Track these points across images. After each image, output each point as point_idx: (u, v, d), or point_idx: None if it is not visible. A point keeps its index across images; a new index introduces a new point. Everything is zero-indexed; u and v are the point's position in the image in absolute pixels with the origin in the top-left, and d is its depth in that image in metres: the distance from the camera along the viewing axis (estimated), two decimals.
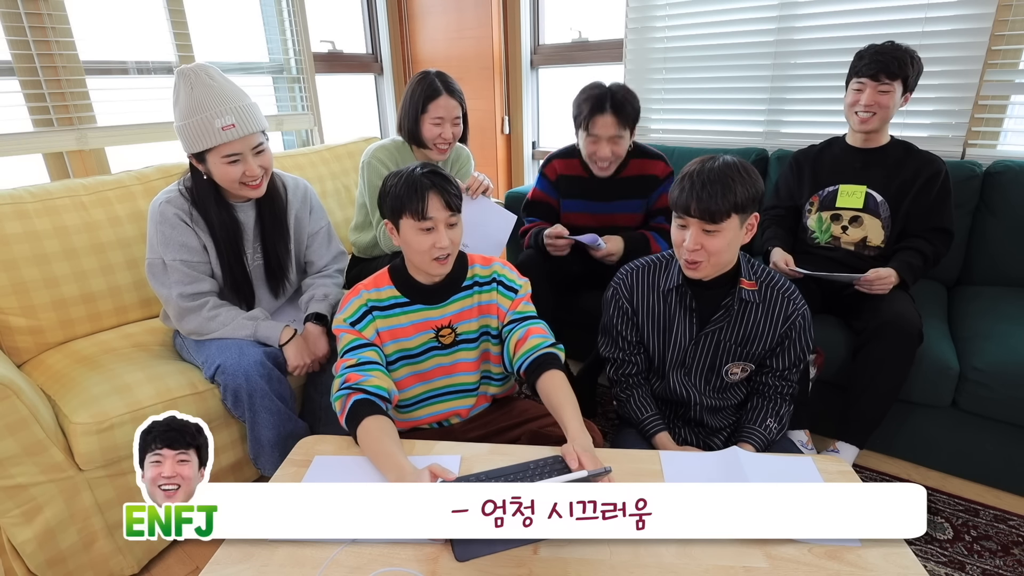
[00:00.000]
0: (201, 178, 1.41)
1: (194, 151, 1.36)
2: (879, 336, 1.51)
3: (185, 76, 1.32)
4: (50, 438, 1.23)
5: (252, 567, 0.85)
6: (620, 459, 1.09)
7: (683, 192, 1.12)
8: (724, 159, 1.13)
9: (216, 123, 1.31)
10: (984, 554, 1.41)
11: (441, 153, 1.79)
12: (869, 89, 1.65)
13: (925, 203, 1.67)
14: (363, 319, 1.19)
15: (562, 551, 0.88)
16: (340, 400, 1.11)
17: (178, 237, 1.40)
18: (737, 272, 1.22)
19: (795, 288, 1.26)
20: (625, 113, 1.69)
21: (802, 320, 1.24)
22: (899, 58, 1.61)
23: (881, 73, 1.62)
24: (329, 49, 2.93)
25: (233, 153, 1.35)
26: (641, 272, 1.30)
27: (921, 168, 1.68)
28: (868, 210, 1.71)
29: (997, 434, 1.55)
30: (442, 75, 1.75)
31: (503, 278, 1.26)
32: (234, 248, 1.47)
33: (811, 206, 1.79)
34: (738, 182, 1.09)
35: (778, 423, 1.28)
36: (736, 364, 1.28)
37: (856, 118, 1.69)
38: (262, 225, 1.52)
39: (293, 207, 1.58)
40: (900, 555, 0.87)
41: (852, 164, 1.75)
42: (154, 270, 1.43)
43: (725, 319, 1.23)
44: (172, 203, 1.41)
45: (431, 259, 1.14)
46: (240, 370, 1.36)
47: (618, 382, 1.36)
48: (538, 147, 3.19)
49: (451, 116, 1.73)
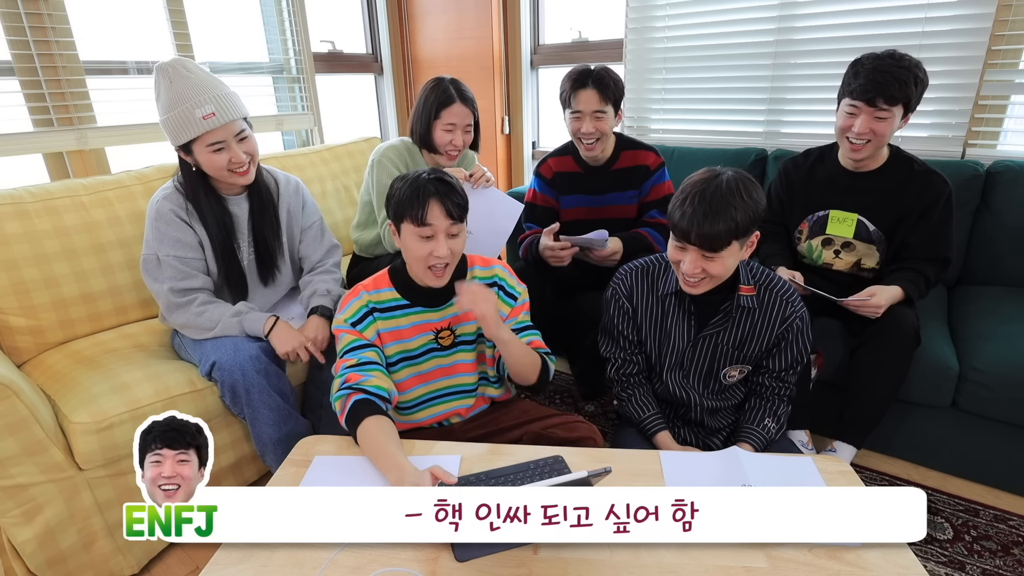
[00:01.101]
0: (191, 171, 1.43)
1: (179, 143, 1.38)
2: (876, 337, 1.51)
3: (163, 71, 1.35)
4: (50, 438, 1.23)
5: (252, 567, 0.85)
6: (620, 459, 1.10)
7: (683, 217, 1.09)
8: (726, 177, 1.09)
9: (197, 112, 1.33)
10: (984, 554, 1.41)
11: (450, 159, 1.81)
12: (864, 115, 1.46)
13: (924, 231, 1.55)
14: (364, 320, 1.19)
15: (562, 551, 0.88)
16: (340, 400, 1.11)
17: (173, 233, 1.42)
18: (736, 278, 1.22)
19: (794, 291, 1.25)
20: (606, 87, 1.70)
21: (800, 323, 1.23)
22: (901, 79, 1.40)
23: (879, 98, 1.41)
24: (329, 49, 2.93)
25: (217, 141, 1.37)
26: (640, 273, 1.30)
27: (921, 193, 1.54)
28: (860, 238, 1.63)
29: (997, 434, 1.55)
30: (456, 83, 1.77)
31: (503, 282, 1.27)
32: (228, 241, 1.49)
33: (800, 234, 1.72)
34: (739, 208, 1.06)
35: (776, 423, 1.28)
36: (734, 367, 1.28)
37: (848, 145, 1.53)
38: (253, 216, 1.54)
39: (285, 200, 1.61)
40: (900, 555, 0.87)
41: (844, 188, 1.62)
42: (148, 266, 1.45)
43: (723, 324, 1.24)
44: (169, 199, 1.43)
45: (426, 267, 1.14)
46: (236, 365, 1.37)
47: (620, 381, 1.36)
48: (538, 147, 3.19)
49: (463, 124, 1.75)
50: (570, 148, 1.91)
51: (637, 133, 2.75)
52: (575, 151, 1.89)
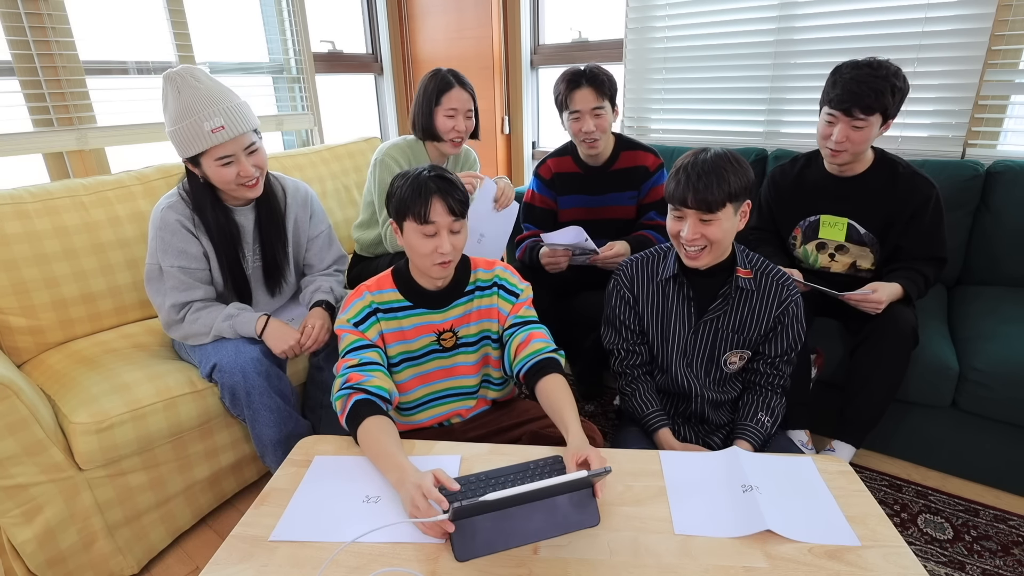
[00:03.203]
0: (198, 182, 1.40)
1: (187, 155, 1.35)
2: (874, 336, 1.51)
3: (172, 80, 1.30)
4: (50, 438, 1.23)
5: (252, 567, 0.85)
6: (620, 459, 1.10)
7: (679, 185, 1.17)
8: (715, 151, 1.17)
9: (205, 126, 1.29)
10: (984, 554, 1.41)
11: (455, 146, 1.82)
12: (842, 124, 1.47)
13: (917, 234, 1.57)
14: (366, 320, 1.19)
15: (562, 551, 0.88)
16: (341, 400, 1.11)
17: (177, 243, 1.40)
18: (733, 262, 1.26)
19: (788, 276, 1.28)
20: (601, 83, 1.71)
21: (795, 307, 1.27)
22: (877, 89, 1.41)
23: (855, 108, 1.43)
24: (329, 49, 2.93)
25: (226, 155, 1.33)
26: (640, 263, 1.34)
27: (908, 197, 1.54)
28: (852, 241, 1.64)
29: (997, 434, 1.55)
30: (453, 71, 1.80)
31: (504, 282, 1.26)
32: (233, 252, 1.47)
33: (795, 239, 1.74)
34: (731, 172, 1.14)
35: (770, 416, 1.29)
36: (734, 352, 1.30)
37: (828, 152, 1.55)
38: (260, 228, 1.52)
39: (292, 210, 1.58)
40: (900, 555, 0.87)
41: (832, 193, 1.63)
42: (151, 276, 1.44)
43: (723, 307, 1.27)
44: (174, 209, 1.40)
45: (432, 263, 1.15)
46: (237, 368, 1.37)
47: (623, 374, 1.37)
48: (538, 147, 3.19)
49: (464, 108, 1.77)
50: (569, 148, 1.91)
51: (637, 133, 2.75)
52: (575, 151, 1.89)
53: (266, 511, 0.95)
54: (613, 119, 1.79)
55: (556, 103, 1.80)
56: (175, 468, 1.44)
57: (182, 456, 1.44)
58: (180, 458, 1.44)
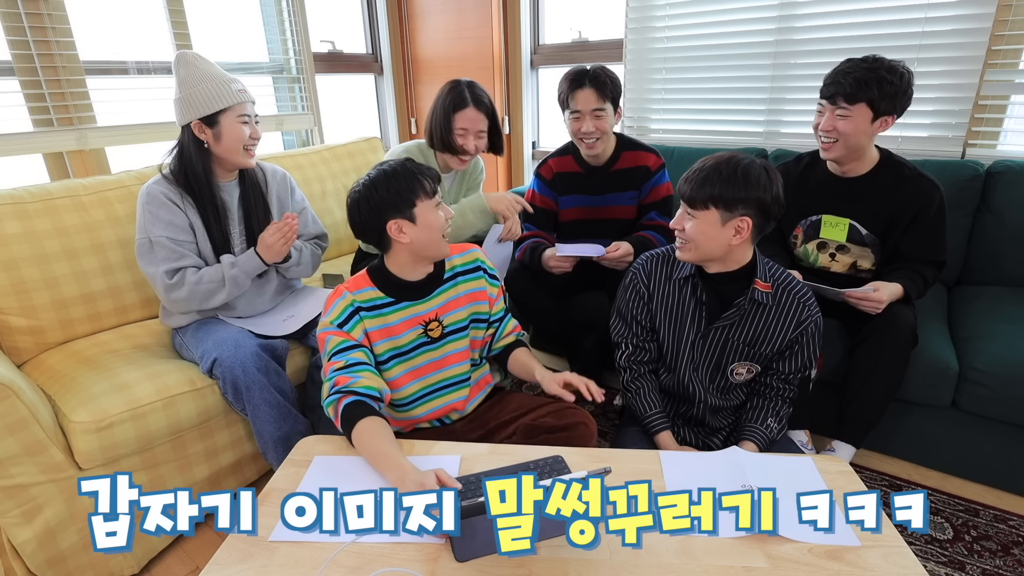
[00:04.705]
0: (190, 154, 1.46)
1: (210, 112, 1.43)
2: (874, 336, 1.51)
3: (186, 57, 1.45)
4: (50, 438, 1.23)
5: (252, 567, 0.85)
6: (620, 459, 1.10)
7: (686, 180, 1.21)
8: (750, 159, 1.18)
9: (232, 86, 1.46)
10: (984, 554, 1.41)
11: (462, 163, 1.82)
12: (828, 113, 1.51)
13: (918, 236, 1.56)
14: (350, 320, 1.19)
15: (562, 551, 0.88)
16: (332, 405, 1.11)
17: (165, 215, 1.44)
18: (753, 272, 1.23)
19: (811, 294, 1.26)
20: (603, 85, 1.71)
21: (814, 327, 1.25)
22: (860, 79, 1.43)
23: (838, 96, 1.46)
24: (329, 49, 2.93)
25: (245, 114, 1.48)
26: (659, 260, 1.33)
27: (911, 200, 1.54)
28: (853, 241, 1.64)
29: (997, 434, 1.55)
30: (472, 86, 1.77)
31: (485, 265, 1.32)
32: (221, 225, 1.51)
33: (795, 239, 1.74)
34: (730, 182, 1.15)
35: (779, 423, 1.29)
36: (742, 364, 1.28)
37: (819, 143, 1.58)
38: (244, 204, 1.56)
39: (273, 188, 1.65)
40: (900, 555, 0.87)
41: (835, 193, 1.63)
42: (142, 249, 1.45)
43: (736, 317, 1.24)
44: (159, 184, 1.46)
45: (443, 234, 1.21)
46: (237, 362, 1.38)
47: (628, 369, 1.36)
48: (538, 147, 3.19)
49: (475, 128, 1.75)
50: (570, 148, 1.91)
51: (637, 133, 2.75)
52: (575, 151, 1.89)
53: (266, 511, 0.95)
54: (615, 121, 1.79)
55: (559, 100, 1.80)
56: (175, 468, 1.44)
57: (182, 456, 1.44)
58: (180, 458, 1.44)
